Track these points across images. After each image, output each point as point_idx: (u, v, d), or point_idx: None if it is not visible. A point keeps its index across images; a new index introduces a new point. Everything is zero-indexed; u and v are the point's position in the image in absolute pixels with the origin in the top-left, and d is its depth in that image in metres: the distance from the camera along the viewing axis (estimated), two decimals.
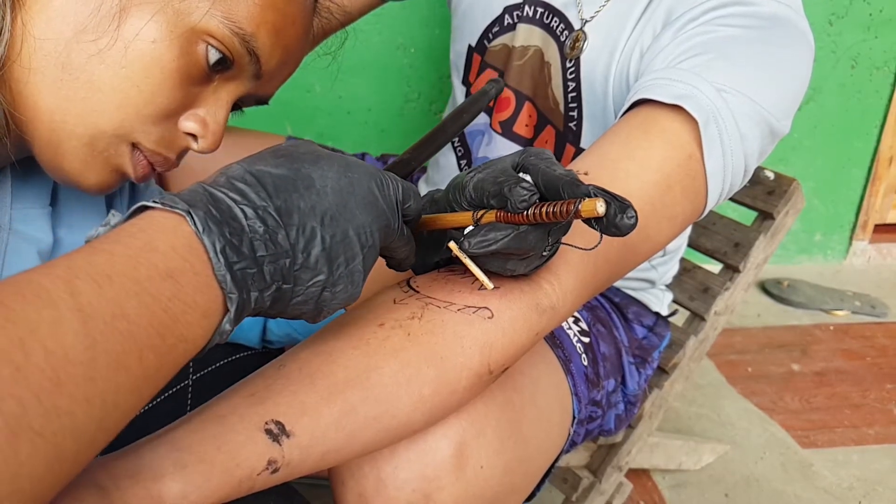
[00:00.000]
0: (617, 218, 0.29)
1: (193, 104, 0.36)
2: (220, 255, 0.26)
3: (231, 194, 0.28)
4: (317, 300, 0.30)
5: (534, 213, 0.31)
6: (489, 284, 0.36)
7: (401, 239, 0.34)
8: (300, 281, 0.29)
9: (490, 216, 0.32)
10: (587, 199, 0.29)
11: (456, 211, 0.35)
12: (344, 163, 0.32)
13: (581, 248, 0.35)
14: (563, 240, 0.36)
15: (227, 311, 0.27)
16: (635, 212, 0.29)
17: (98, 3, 0.31)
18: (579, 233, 0.39)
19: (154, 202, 0.27)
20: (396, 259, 0.37)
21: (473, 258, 0.35)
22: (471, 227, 0.33)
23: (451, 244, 0.34)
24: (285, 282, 0.29)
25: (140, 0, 0.32)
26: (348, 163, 0.32)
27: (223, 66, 0.35)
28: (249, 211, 0.28)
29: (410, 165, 0.38)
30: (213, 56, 0.34)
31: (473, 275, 0.36)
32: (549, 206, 0.30)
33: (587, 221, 0.30)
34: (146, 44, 0.32)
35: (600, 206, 0.28)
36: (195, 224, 0.26)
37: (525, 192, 0.31)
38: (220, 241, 0.26)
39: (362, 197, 0.31)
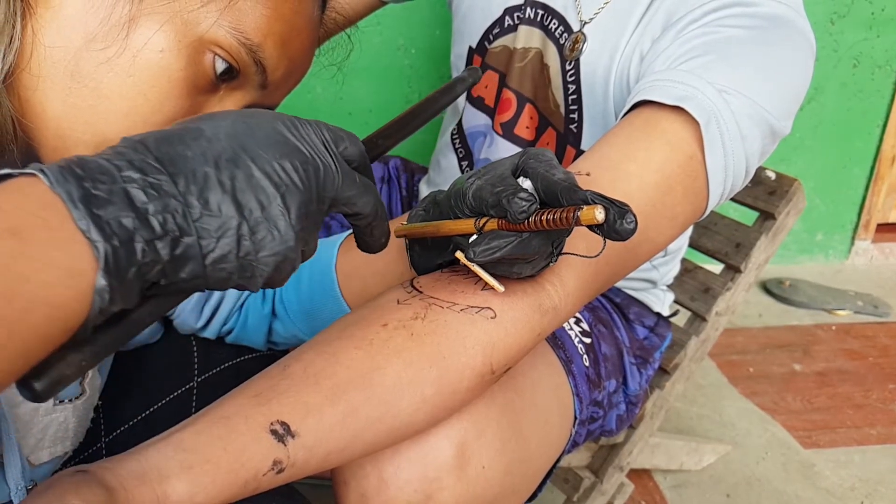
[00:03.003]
0: (617, 223, 0.29)
1: (199, 113, 0.37)
2: (79, 204, 0.23)
3: (104, 155, 0.25)
4: (237, 253, 0.27)
5: (534, 220, 0.31)
6: (499, 287, 0.36)
7: (351, 186, 0.30)
8: (206, 232, 0.26)
9: (492, 224, 0.33)
10: (586, 206, 0.29)
11: (459, 217, 0.35)
12: (243, 113, 0.29)
13: (585, 256, 0.36)
14: (568, 249, 0.36)
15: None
16: (634, 216, 0.30)
17: (108, 13, 0.32)
18: (582, 236, 0.39)
19: (9, 171, 0.24)
20: (363, 217, 0.32)
21: (480, 264, 0.35)
22: (475, 236, 0.33)
23: (458, 254, 0.35)
24: (185, 233, 0.25)
25: (149, 10, 0.32)
26: (249, 112, 0.30)
27: (230, 76, 0.35)
28: (123, 163, 0.25)
29: (379, 148, 0.37)
30: (220, 66, 0.34)
31: (478, 276, 0.36)
32: (548, 213, 0.30)
33: (588, 226, 0.31)
34: (154, 53, 0.32)
35: (599, 214, 0.29)
36: (48, 179, 0.23)
37: (523, 202, 0.31)
38: (79, 191, 0.23)
39: (265, 137, 0.28)
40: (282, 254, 0.28)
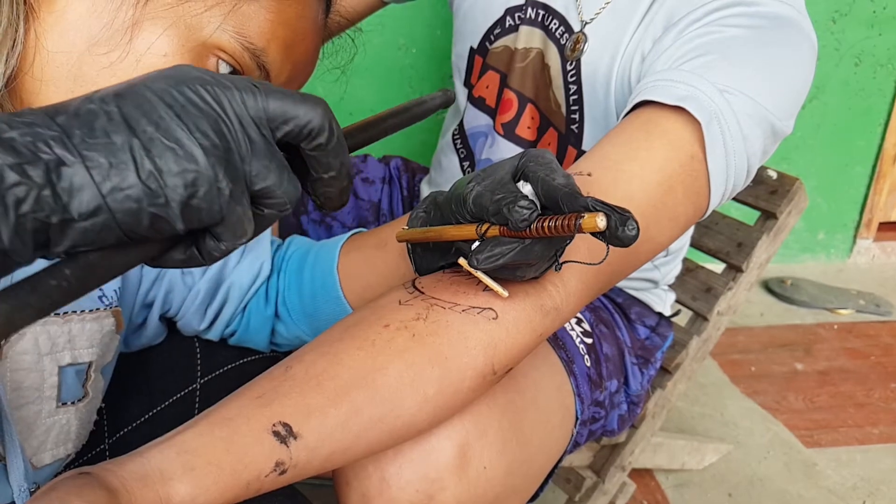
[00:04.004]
0: (618, 230, 0.29)
1: None
2: None
3: None
4: (139, 176, 0.23)
5: (536, 228, 0.31)
6: (503, 292, 0.36)
7: (283, 98, 0.27)
8: (94, 157, 0.23)
9: (494, 230, 0.33)
10: (587, 214, 0.29)
11: (460, 222, 0.35)
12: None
13: (588, 264, 0.36)
14: (569, 250, 0.36)
15: None
16: (636, 222, 0.29)
17: (111, 17, 0.32)
18: (583, 237, 0.39)
19: None
20: (318, 132, 0.27)
21: (483, 271, 0.35)
22: (477, 243, 0.34)
23: (461, 261, 0.35)
24: (66, 162, 0.22)
25: (153, 14, 0.32)
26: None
27: None
28: None
29: (348, 141, 0.35)
30: (224, 70, 0.34)
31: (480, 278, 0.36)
32: (550, 220, 0.30)
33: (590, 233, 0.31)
34: (157, 57, 0.32)
35: (600, 221, 0.29)
36: None
37: (524, 210, 0.31)
38: None
39: (160, 74, 0.26)
40: (191, 172, 0.24)
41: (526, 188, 0.33)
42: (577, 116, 0.62)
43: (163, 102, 0.24)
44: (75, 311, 0.40)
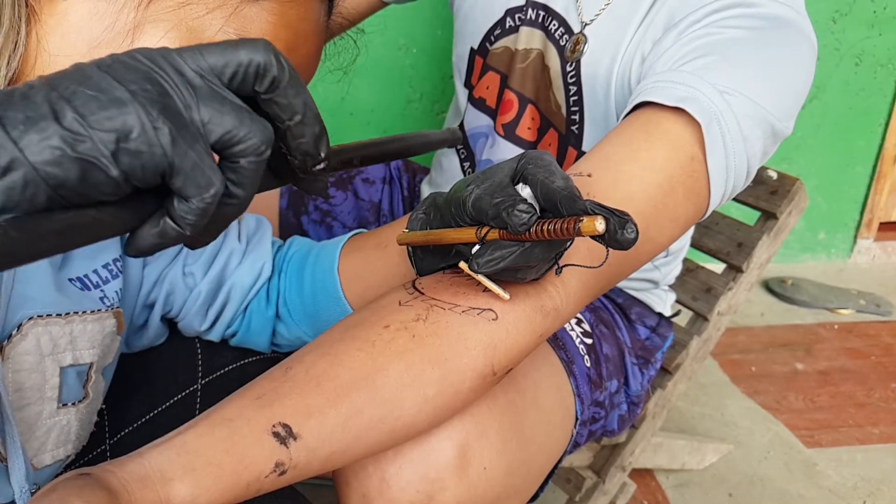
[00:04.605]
0: (618, 234, 0.29)
1: None
2: None
3: None
4: (61, 124, 0.22)
5: (535, 231, 0.31)
6: (504, 295, 0.36)
7: (218, 46, 0.25)
8: (6, 114, 0.21)
9: (494, 234, 0.33)
10: (586, 217, 0.29)
11: (460, 225, 0.36)
12: None
13: (588, 267, 0.36)
14: (572, 258, 0.36)
15: None
16: (635, 225, 0.30)
17: (113, 20, 0.32)
18: (584, 241, 0.39)
19: None
20: (276, 78, 0.25)
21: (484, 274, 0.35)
22: (477, 246, 0.34)
23: (462, 264, 0.35)
24: None
25: (154, 17, 0.32)
26: None
27: None
28: None
29: (339, 155, 0.35)
30: None
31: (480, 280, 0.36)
32: (549, 224, 0.30)
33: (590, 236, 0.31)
34: None
35: (599, 225, 0.29)
36: None
37: (523, 214, 0.31)
38: None
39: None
40: (119, 117, 0.22)
41: (525, 191, 0.33)
42: (577, 117, 0.62)
43: (90, 66, 0.23)
44: (77, 312, 0.40)
